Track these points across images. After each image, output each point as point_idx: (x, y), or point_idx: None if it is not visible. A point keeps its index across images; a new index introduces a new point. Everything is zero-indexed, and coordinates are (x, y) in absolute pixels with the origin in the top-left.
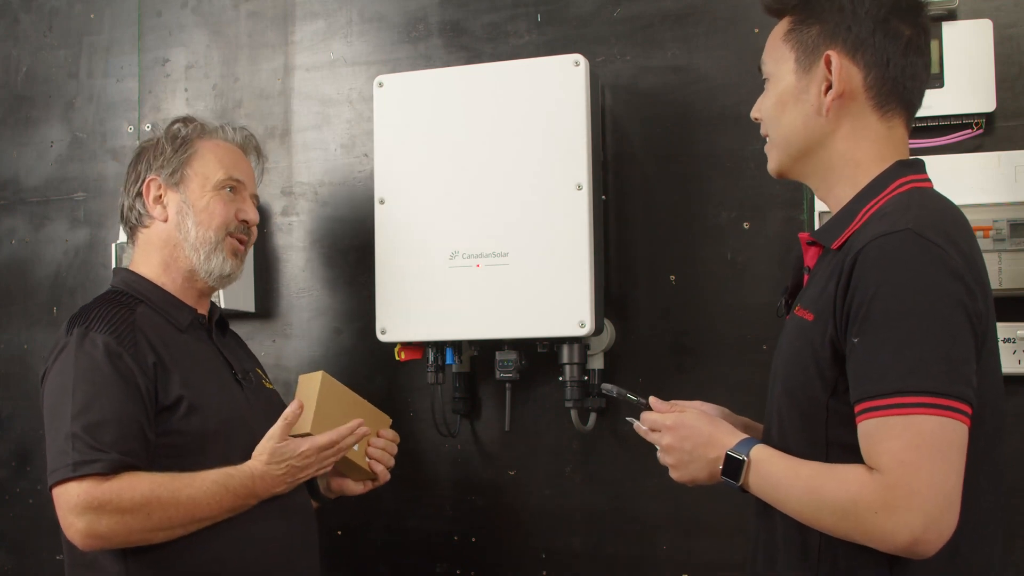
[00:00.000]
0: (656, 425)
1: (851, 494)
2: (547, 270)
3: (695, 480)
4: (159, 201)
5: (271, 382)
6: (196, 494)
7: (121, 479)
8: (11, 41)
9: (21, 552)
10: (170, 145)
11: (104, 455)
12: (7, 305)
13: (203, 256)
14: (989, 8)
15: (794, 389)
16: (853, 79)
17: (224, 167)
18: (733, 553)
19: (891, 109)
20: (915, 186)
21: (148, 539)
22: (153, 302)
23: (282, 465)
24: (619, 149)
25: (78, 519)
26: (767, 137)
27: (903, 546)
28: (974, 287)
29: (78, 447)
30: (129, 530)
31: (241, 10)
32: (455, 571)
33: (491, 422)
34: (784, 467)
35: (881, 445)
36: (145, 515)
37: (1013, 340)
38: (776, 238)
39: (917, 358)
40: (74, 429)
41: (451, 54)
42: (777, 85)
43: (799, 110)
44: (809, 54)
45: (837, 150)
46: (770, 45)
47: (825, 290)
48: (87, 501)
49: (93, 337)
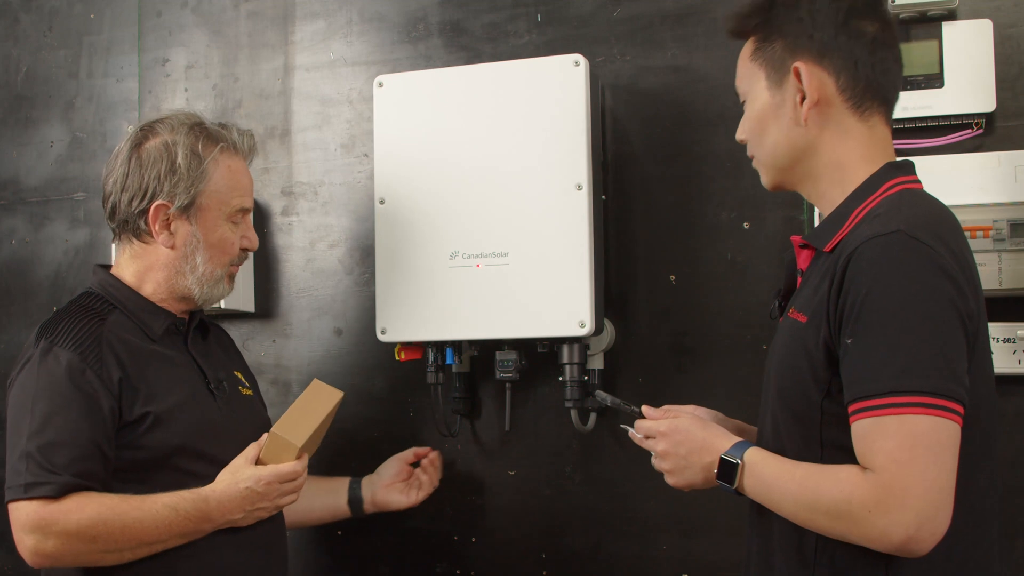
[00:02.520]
0: (650, 432)
1: (845, 494)
2: (547, 270)
3: (691, 484)
4: (166, 227)
5: (250, 387)
6: (144, 517)
7: (70, 501)
8: (11, 41)
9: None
10: (186, 168)
11: (55, 477)
12: (7, 305)
13: (206, 289)
14: (989, 8)
15: (788, 390)
16: (825, 85)
17: (238, 195)
18: (733, 553)
19: (868, 108)
20: (905, 187)
21: (97, 561)
22: (128, 309)
23: (240, 487)
24: (619, 149)
25: (27, 537)
26: (754, 156)
27: (897, 545)
28: (965, 287)
29: (31, 468)
30: (76, 551)
31: (241, 10)
32: (455, 571)
33: (491, 422)
34: (778, 469)
35: (875, 444)
36: (91, 538)
37: (1013, 340)
38: (776, 238)
39: (910, 358)
40: (28, 448)
41: (451, 54)
42: (754, 104)
43: (779, 125)
44: (778, 69)
45: (823, 156)
46: (740, 67)
47: (818, 292)
48: (35, 521)
49: (57, 353)
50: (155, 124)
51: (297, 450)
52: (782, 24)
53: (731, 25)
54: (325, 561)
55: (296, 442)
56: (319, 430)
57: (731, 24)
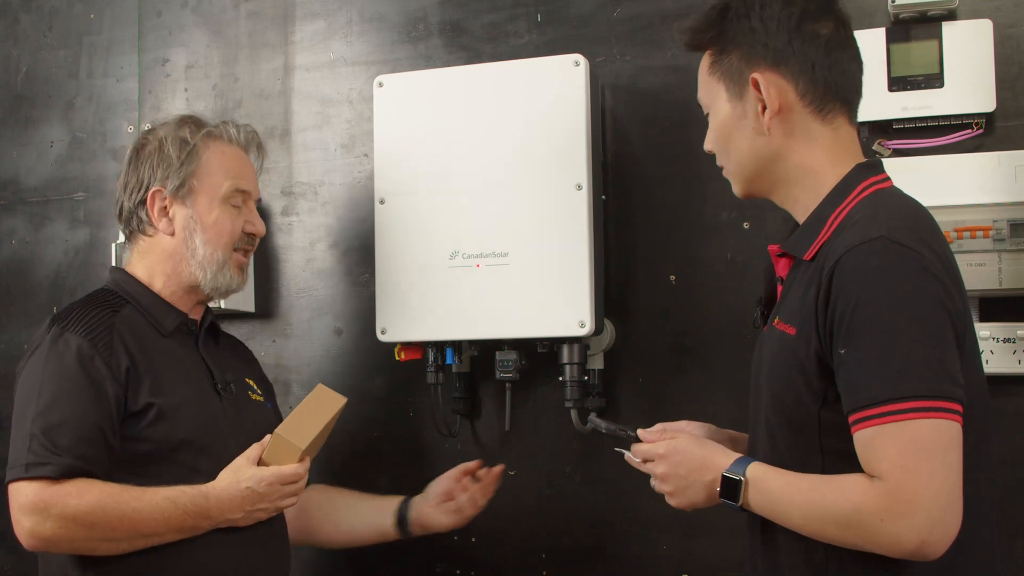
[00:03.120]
0: (648, 455)
1: (854, 503)
2: (547, 270)
3: (694, 504)
4: (164, 213)
5: (262, 393)
6: (143, 508)
7: (71, 484)
8: (11, 41)
9: (21, 552)
10: (176, 153)
11: (57, 459)
12: (7, 305)
13: (210, 275)
14: (989, 8)
15: (783, 402)
16: (785, 92)
17: (231, 177)
18: (733, 553)
19: (831, 110)
20: (878, 188)
21: (92, 548)
22: (141, 304)
23: (241, 487)
24: (619, 149)
25: (25, 518)
26: (723, 167)
27: (911, 550)
28: (951, 287)
29: (34, 448)
30: (72, 537)
31: (241, 10)
32: (455, 571)
33: (491, 422)
34: (783, 482)
35: (879, 452)
36: (89, 524)
37: (1013, 340)
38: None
39: (905, 364)
40: (33, 429)
41: (451, 54)
42: (717, 117)
43: (742, 135)
44: (736, 81)
45: (790, 163)
46: (700, 81)
47: (804, 302)
48: (34, 502)
49: (68, 338)
50: (155, 127)
51: (300, 452)
52: (735, 35)
53: (686, 39)
54: (325, 561)
55: (299, 444)
56: (321, 434)
57: (685, 38)
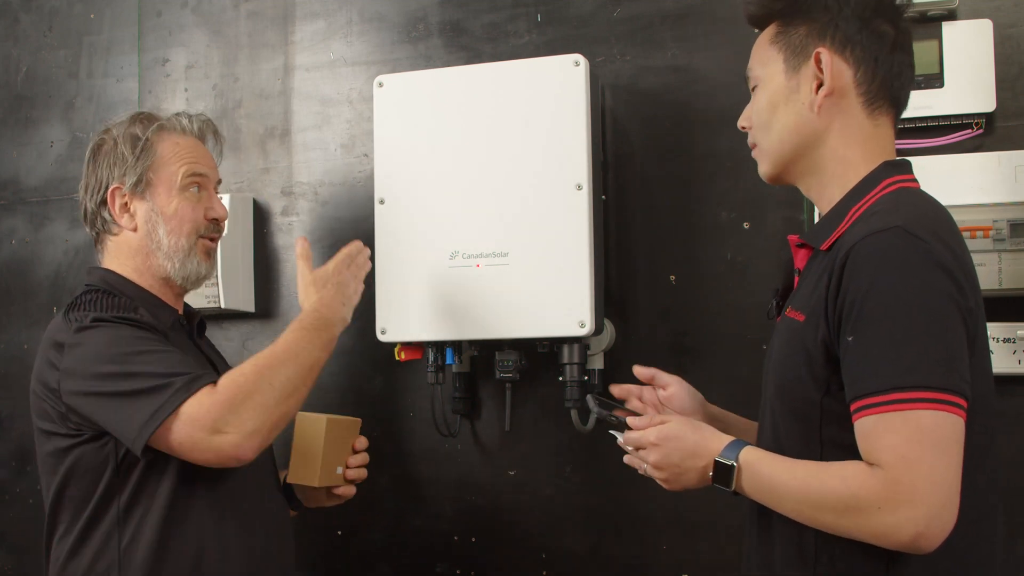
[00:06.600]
0: (639, 443)
1: (852, 490)
2: (547, 270)
3: (687, 488)
4: (126, 210)
5: None
6: (286, 342)
7: (222, 379)
8: (11, 41)
9: (21, 552)
10: (129, 151)
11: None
12: (7, 305)
13: (178, 264)
14: (989, 8)
15: (786, 389)
16: (843, 76)
17: (186, 163)
18: (733, 553)
19: (879, 107)
20: (902, 186)
21: (284, 410)
22: (134, 300)
23: (328, 287)
24: (619, 149)
25: (225, 426)
26: (755, 146)
27: (906, 541)
28: (964, 284)
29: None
30: (265, 407)
31: (241, 10)
32: (455, 571)
33: (491, 422)
34: (778, 468)
35: (880, 441)
36: (268, 383)
37: (1013, 340)
38: (776, 238)
39: (912, 354)
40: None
41: (451, 54)
42: (767, 87)
43: (791, 109)
44: (798, 54)
45: (826, 148)
46: (757, 51)
47: (816, 290)
48: (220, 404)
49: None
50: (109, 126)
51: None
52: (809, 10)
53: (754, 9)
54: (325, 561)
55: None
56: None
57: (754, 8)
